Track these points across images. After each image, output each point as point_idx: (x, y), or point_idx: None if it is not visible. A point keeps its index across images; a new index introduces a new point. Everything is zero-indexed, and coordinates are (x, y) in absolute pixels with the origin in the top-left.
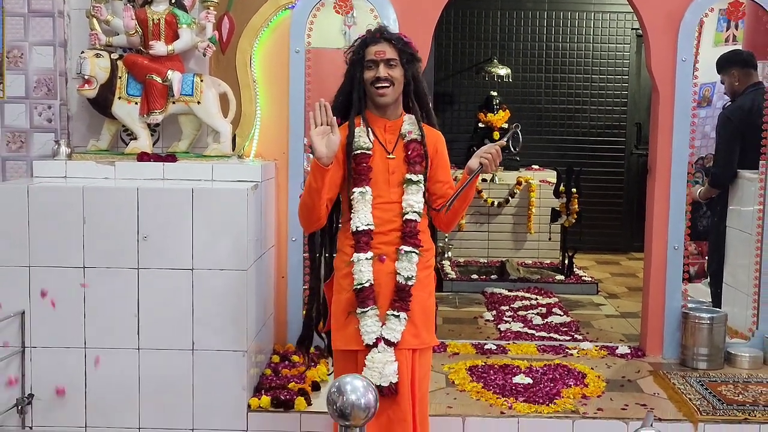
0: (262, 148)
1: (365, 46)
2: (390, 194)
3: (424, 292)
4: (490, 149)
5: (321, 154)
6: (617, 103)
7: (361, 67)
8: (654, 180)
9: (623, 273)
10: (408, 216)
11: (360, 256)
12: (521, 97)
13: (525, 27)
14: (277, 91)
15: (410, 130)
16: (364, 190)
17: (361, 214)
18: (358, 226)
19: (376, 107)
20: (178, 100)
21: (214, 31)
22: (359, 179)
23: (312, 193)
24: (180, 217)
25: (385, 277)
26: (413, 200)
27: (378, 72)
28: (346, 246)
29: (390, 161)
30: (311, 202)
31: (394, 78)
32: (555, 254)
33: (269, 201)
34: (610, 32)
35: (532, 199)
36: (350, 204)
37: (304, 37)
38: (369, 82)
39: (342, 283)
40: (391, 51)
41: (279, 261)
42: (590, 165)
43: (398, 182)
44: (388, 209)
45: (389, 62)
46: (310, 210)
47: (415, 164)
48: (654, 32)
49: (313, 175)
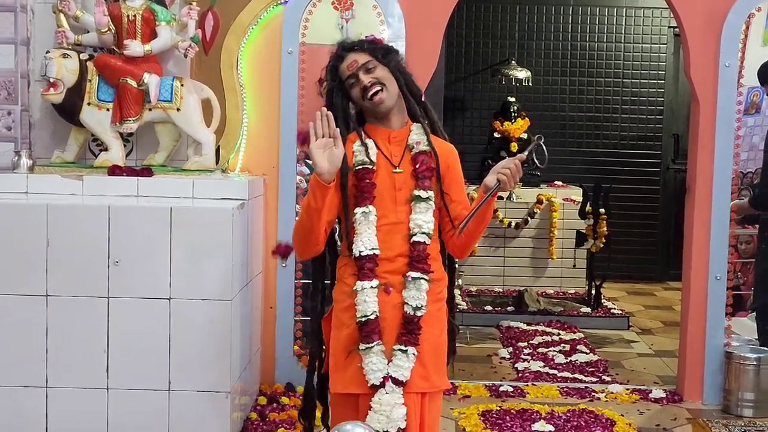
0: (249, 161)
1: (335, 70)
2: (397, 214)
3: (435, 328)
4: (509, 164)
5: (322, 170)
6: (652, 112)
7: (342, 91)
8: (693, 199)
9: (658, 305)
10: (416, 238)
11: (364, 284)
12: (543, 103)
13: (547, 24)
14: (267, 97)
15: (418, 140)
16: (367, 210)
17: (365, 237)
18: (362, 251)
19: (378, 118)
20: (155, 107)
21: (197, 29)
22: (362, 198)
23: (311, 214)
24: (156, 240)
25: (391, 311)
26: (422, 220)
27: (361, 82)
28: (347, 275)
29: (396, 176)
30: (309, 224)
31: (381, 78)
32: (580, 283)
33: (257, 222)
34: (644, 31)
35: (555, 220)
36: (350, 226)
37: (297, 36)
38: (360, 99)
39: (342, 317)
40: (361, 56)
41: (267, 290)
42: (621, 181)
43: (406, 200)
44: (395, 231)
45: (366, 67)
46: (308, 233)
47: (424, 179)
48: (693, 33)
49: (312, 193)
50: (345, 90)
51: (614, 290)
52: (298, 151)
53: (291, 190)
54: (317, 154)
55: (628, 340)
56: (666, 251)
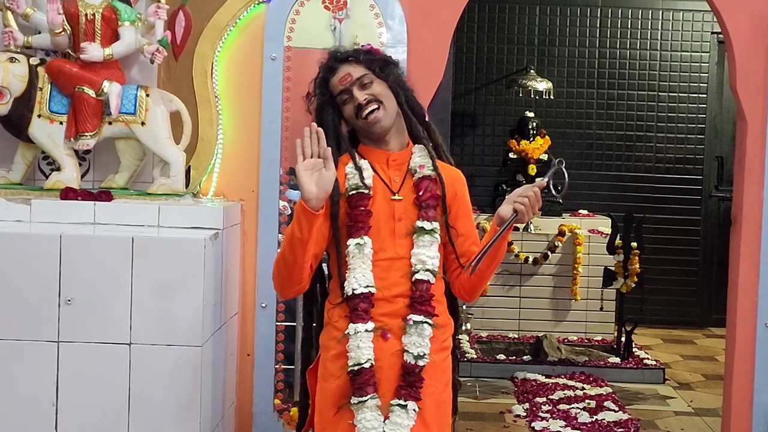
0: (224, 184)
1: (326, 83)
2: (396, 247)
3: (440, 381)
4: (527, 191)
5: (309, 195)
6: (692, 130)
7: (333, 107)
8: (739, 233)
9: (698, 355)
10: (419, 276)
11: (358, 327)
12: (566, 119)
13: (572, 28)
14: (247, 110)
15: (421, 164)
16: (362, 242)
17: (359, 273)
18: (355, 289)
19: (374, 139)
20: (116, 120)
21: (166, 30)
22: (355, 228)
23: (294, 246)
24: (115, 275)
25: (389, 359)
26: (426, 255)
27: (356, 99)
28: (337, 317)
29: (396, 204)
30: (292, 258)
31: (378, 95)
32: (608, 329)
33: (233, 255)
34: (684, 37)
35: (579, 255)
36: (341, 261)
37: (282, 39)
38: (353, 117)
39: (331, 366)
40: (356, 69)
41: (244, 334)
42: (656, 211)
43: (406, 232)
44: (393, 267)
45: (362, 82)
46: (290, 268)
47: (428, 208)
48: (740, 41)
49: (298, 222)
50: (336, 106)
51: (648, 337)
52: (281, 173)
53: (273, 218)
54: (304, 176)
55: (664, 396)
56: (708, 292)
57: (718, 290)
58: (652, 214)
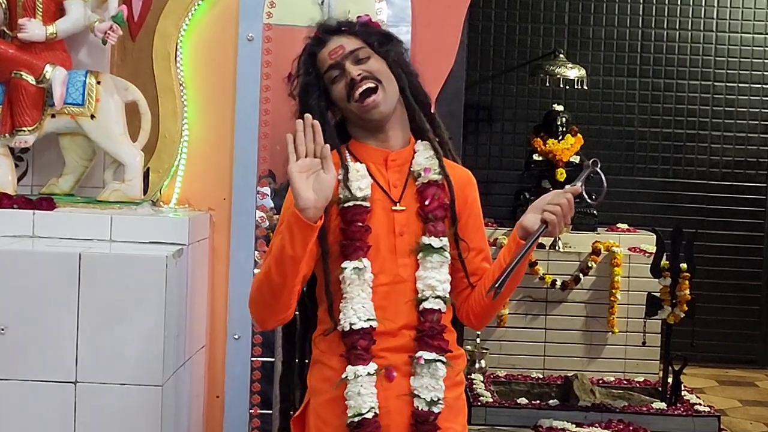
0: (190, 190)
1: (313, 59)
2: (397, 269)
3: (457, 423)
4: (558, 198)
5: (306, 203)
6: (754, 128)
7: (319, 89)
8: None
9: (761, 401)
10: (428, 304)
11: (358, 370)
12: (601, 114)
13: (609, 4)
14: (218, 100)
15: (427, 165)
16: (361, 265)
17: (358, 303)
18: (354, 324)
19: (370, 130)
20: (60, 113)
21: (121, 5)
22: (352, 247)
23: (284, 265)
24: (58, 299)
25: (396, 402)
26: (435, 279)
27: (348, 73)
28: (330, 354)
29: (396, 216)
30: (281, 279)
31: (376, 72)
32: (652, 368)
33: (199, 275)
34: (744, 15)
35: (617, 279)
36: (333, 287)
37: (261, 16)
38: (343, 99)
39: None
40: (350, 41)
41: (213, 371)
42: (710, 225)
43: (409, 249)
44: (396, 293)
45: (356, 56)
46: (278, 292)
47: (436, 221)
48: None
49: (289, 236)
50: (324, 88)
51: (700, 378)
52: (259, 176)
53: (248, 231)
54: (299, 180)
55: None
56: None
57: None
58: (705, 229)
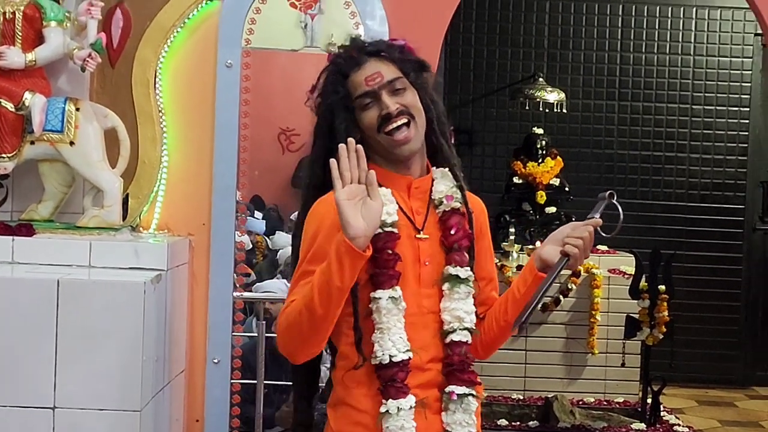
0: (169, 215)
1: (344, 76)
2: (421, 299)
3: None
4: (579, 231)
5: (357, 232)
6: (732, 150)
7: (346, 110)
8: None
9: (740, 421)
10: (455, 336)
11: (401, 403)
12: (581, 137)
13: (588, 29)
14: (197, 127)
15: (448, 193)
16: (396, 295)
17: (394, 333)
18: (394, 355)
19: (392, 160)
20: (39, 139)
21: (100, 32)
22: (383, 276)
23: (331, 298)
24: (37, 325)
25: None
26: (462, 310)
27: (385, 106)
28: (358, 397)
29: (420, 244)
30: (324, 312)
31: (411, 107)
32: (632, 389)
33: (179, 300)
34: (722, 39)
35: (597, 300)
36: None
37: (239, 42)
38: (372, 129)
39: None
40: (388, 68)
41: (192, 395)
42: (689, 247)
43: (434, 280)
44: (422, 325)
45: (393, 86)
46: (318, 325)
47: (460, 251)
48: None
49: (338, 266)
50: (351, 108)
51: (679, 399)
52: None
53: (227, 256)
54: (348, 207)
55: None
56: (752, 345)
57: (765, 342)
58: (684, 250)
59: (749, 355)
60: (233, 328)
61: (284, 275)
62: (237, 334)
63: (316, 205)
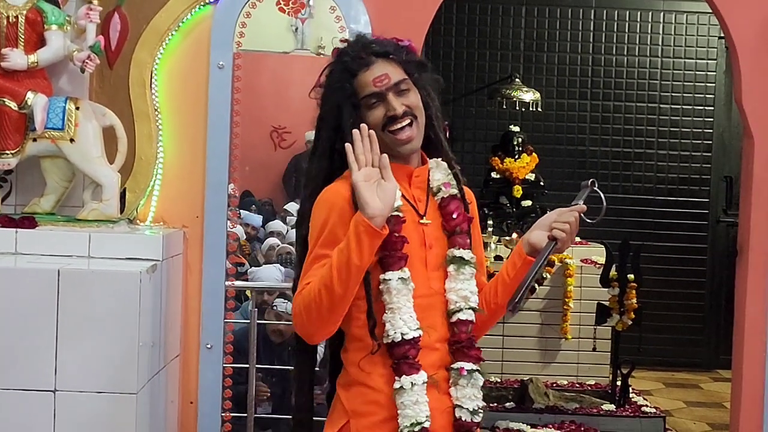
0: (165, 209)
1: (351, 74)
2: (429, 281)
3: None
4: (566, 216)
5: (374, 211)
6: (697, 147)
7: (351, 108)
8: (746, 265)
9: (704, 402)
10: (461, 315)
11: (415, 379)
12: (555, 134)
13: (562, 32)
14: (190, 125)
15: (445, 181)
16: (405, 275)
17: (405, 312)
18: (405, 334)
19: (393, 155)
20: (41, 137)
21: (99, 35)
22: (392, 258)
23: (350, 276)
24: (38, 313)
25: (440, 417)
26: (468, 290)
27: (391, 108)
28: (374, 376)
29: (424, 229)
30: (342, 291)
31: (414, 107)
32: (603, 371)
33: (174, 289)
34: (688, 42)
35: (570, 289)
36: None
37: (231, 45)
38: (378, 125)
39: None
40: (396, 70)
41: (186, 379)
42: (656, 238)
43: (438, 262)
44: (430, 306)
45: (399, 88)
46: (337, 304)
47: (462, 234)
48: (745, 49)
49: (358, 245)
50: (356, 105)
51: (647, 381)
52: (230, 196)
53: (220, 246)
54: (366, 189)
55: None
56: (715, 330)
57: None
58: (651, 241)
59: (713, 340)
60: (225, 315)
61: (269, 261)
62: (229, 321)
63: (324, 193)
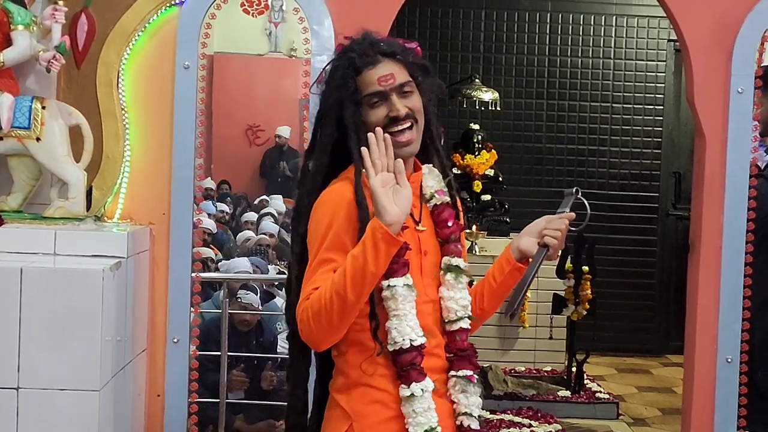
0: (132, 206)
1: (355, 71)
2: (425, 288)
3: None
4: (556, 224)
5: (392, 218)
6: (648, 144)
7: (355, 104)
8: (698, 260)
9: (655, 387)
10: (462, 324)
11: (424, 385)
12: (513, 132)
13: (519, 35)
14: (157, 124)
15: (438, 188)
16: (409, 282)
17: (410, 319)
18: (414, 340)
19: None
20: (7, 135)
21: (64, 35)
22: (398, 264)
23: (364, 283)
24: (2, 310)
25: (444, 421)
26: (466, 299)
27: (394, 108)
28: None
29: (420, 236)
30: (355, 297)
31: (416, 111)
32: (558, 358)
33: (140, 285)
34: (639, 44)
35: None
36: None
37: (196, 46)
38: (379, 125)
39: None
40: (401, 71)
41: (153, 372)
42: (609, 231)
43: (432, 270)
44: (428, 313)
45: (402, 89)
46: (349, 311)
47: (456, 242)
48: (698, 51)
49: (374, 251)
50: (359, 102)
51: (601, 367)
52: (196, 190)
53: (186, 242)
54: (383, 194)
55: None
56: (665, 318)
57: (677, 316)
58: (604, 234)
59: (663, 327)
60: (192, 307)
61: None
62: (197, 314)
63: (326, 195)
